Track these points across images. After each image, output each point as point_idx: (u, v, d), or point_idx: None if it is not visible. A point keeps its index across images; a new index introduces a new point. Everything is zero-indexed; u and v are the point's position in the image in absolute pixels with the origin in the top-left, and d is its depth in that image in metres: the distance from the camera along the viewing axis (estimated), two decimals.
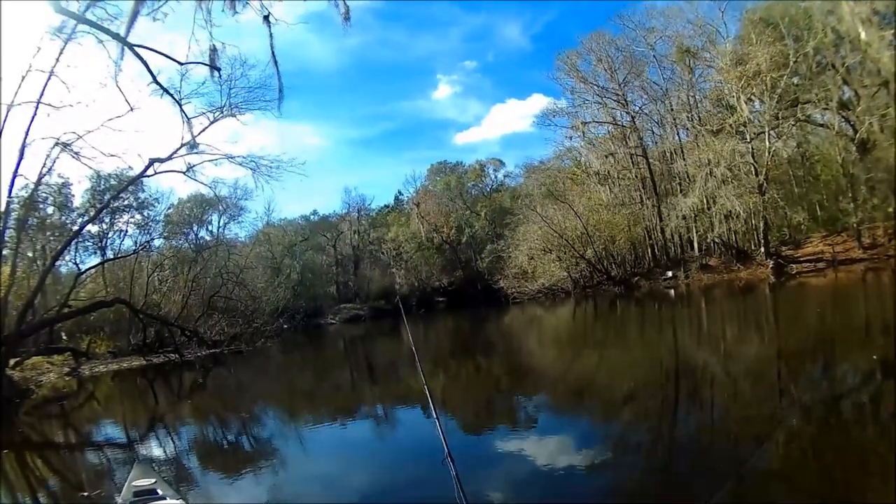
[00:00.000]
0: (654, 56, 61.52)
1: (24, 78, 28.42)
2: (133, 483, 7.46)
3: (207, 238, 63.64)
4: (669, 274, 55.25)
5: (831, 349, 17.37)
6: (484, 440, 12.27)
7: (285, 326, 52.65)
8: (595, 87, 64.18)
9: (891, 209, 43.20)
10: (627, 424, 12.47)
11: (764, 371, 16.01)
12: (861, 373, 13.80)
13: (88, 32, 26.37)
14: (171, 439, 16.73)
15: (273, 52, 26.36)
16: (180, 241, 60.18)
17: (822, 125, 49.37)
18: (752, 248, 51.51)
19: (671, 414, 13.19)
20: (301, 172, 42.69)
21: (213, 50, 26.73)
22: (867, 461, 8.00)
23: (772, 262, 47.37)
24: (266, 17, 24.70)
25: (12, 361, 30.12)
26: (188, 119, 34.19)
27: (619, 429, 12.24)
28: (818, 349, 17.73)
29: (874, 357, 14.30)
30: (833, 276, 39.91)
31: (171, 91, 31.62)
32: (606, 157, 64.71)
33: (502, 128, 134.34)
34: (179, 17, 24.72)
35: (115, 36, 24.86)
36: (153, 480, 7.54)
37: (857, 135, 44.09)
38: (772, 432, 9.89)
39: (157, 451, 14.76)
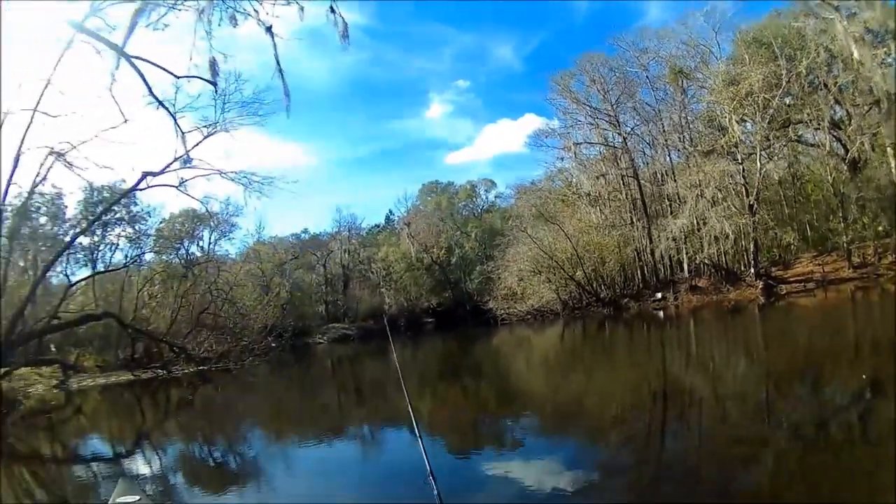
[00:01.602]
0: (647, 77, 61.63)
1: (20, 85, 28.45)
2: (117, 500, 7.32)
3: (198, 254, 62.13)
4: (659, 295, 55.02)
5: (820, 369, 17.25)
6: (469, 462, 12.07)
7: (273, 345, 52.22)
8: (588, 108, 64.18)
9: (881, 228, 43.18)
10: (614, 447, 12.22)
11: (752, 392, 15.86)
12: (850, 392, 13.68)
13: (85, 41, 26.33)
14: (158, 456, 16.61)
15: (277, 60, 26.20)
16: (171, 256, 59.95)
17: (813, 145, 49.46)
18: (742, 269, 51.35)
19: (658, 436, 12.88)
20: (292, 190, 42.66)
21: (213, 62, 26.58)
22: (856, 482, 7.80)
23: (761, 282, 47.24)
24: (269, 28, 24.65)
25: (0, 371, 29.98)
26: (183, 133, 34.03)
27: (605, 451, 12.08)
28: (807, 369, 17.57)
29: (863, 376, 14.38)
30: (823, 296, 39.86)
31: (166, 104, 31.55)
32: (597, 178, 64.55)
33: (494, 148, 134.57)
34: (173, 31, 24.44)
35: (113, 46, 24.80)
36: (137, 497, 7.40)
37: (849, 154, 44.11)
38: (759, 453, 9.80)
39: (142, 468, 14.61)
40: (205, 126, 36.68)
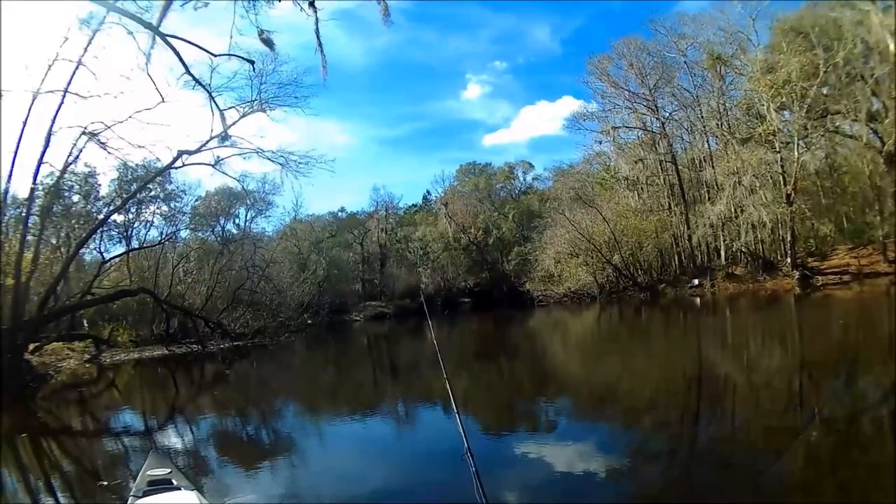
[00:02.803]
0: (685, 62, 60.84)
1: (50, 66, 28.90)
2: (148, 472, 7.46)
3: (234, 231, 64.80)
4: (695, 282, 54.87)
5: (854, 364, 17.37)
6: (503, 442, 12.32)
7: (309, 321, 52.54)
8: (626, 92, 63.80)
9: None
10: (647, 432, 12.56)
11: (786, 383, 16.07)
12: (883, 388, 13.68)
13: (117, 23, 26.69)
14: (190, 430, 16.96)
15: (317, 30, 26.33)
16: (207, 234, 60.60)
17: (850, 136, 48.79)
18: (779, 258, 51.10)
19: (692, 423, 13.21)
20: (330, 169, 42.66)
21: (267, 36, 26.83)
22: (885, 480, 7.91)
23: (797, 273, 47.04)
24: (311, 3, 24.90)
25: (31, 346, 30.51)
26: (221, 111, 34.46)
27: (638, 436, 12.36)
28: (841, 363, 17.64)
29: None
30: (858, 290, 39.45)
31: (203, 83, 31.96)
32: (636, 162, 64.31)
33: (531, 130, 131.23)
34: (206, 13, 24.83)
35: (148, 25, 25.04)
36: (168, 470, 7.51)
37: (885, 147, 43.76)
38: (790, 445, 10.01)
39: (174, 441, 15.09)
40: (241, 105, 37.26)
